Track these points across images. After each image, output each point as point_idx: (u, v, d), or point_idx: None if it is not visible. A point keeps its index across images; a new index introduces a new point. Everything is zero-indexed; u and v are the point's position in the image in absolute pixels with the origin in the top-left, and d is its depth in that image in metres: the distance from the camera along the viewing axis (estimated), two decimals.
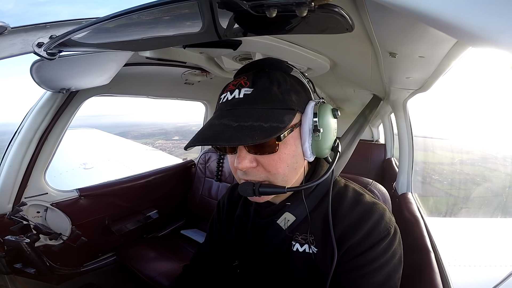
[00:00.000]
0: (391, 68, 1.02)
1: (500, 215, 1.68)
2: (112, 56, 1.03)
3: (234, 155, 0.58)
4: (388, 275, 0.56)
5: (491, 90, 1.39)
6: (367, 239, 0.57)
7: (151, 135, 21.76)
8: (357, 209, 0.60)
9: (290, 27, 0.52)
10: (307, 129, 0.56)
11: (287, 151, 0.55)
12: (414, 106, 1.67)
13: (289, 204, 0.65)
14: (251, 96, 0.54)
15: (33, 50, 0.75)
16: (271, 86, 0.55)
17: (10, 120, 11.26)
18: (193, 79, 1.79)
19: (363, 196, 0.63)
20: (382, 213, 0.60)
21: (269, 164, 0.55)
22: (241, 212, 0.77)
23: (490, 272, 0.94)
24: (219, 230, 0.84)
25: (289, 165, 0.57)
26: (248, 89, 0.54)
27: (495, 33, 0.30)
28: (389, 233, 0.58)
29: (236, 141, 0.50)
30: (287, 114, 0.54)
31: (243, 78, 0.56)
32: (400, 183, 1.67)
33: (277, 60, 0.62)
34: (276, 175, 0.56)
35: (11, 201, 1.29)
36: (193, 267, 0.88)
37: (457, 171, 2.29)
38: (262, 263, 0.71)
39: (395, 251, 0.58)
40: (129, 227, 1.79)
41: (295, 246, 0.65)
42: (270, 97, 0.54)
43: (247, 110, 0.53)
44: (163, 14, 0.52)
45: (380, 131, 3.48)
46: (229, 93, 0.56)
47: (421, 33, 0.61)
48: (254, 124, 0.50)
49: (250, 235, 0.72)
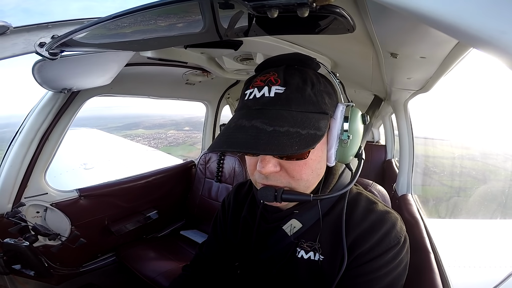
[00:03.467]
0: (392, 69, 1.02)
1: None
2: (114, 56, 1.04)
3: (253, 158, 0.55)
4: (392, 282, 0.56)
5: (492, 92, 1.39)
6: (377, 247, 0.56)
7: (162, 126, 21.74)
8: (370, 218, 0.59)
9: (292, 28, 0.52)
10: (335, 134, 0.53)
11: (313, 157, 0.53)
12: (415, 107, 1.67)
13: (297, 212, 0.63)
14: (283, 96, 0.50)
15: (35, 50, 0.76)
16: (304, 86, 0.51)
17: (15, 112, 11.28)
18: (194, 79, 1.80)
19: (376, 205, 0.62)
20: (394, 222, 0.59)
21: (294, 170, 0.52)
22: (247, 214, 0.75)
23: (490, 273, 0.94)
24: (223, 230, 0.82)
25: (313, 171, 0.54)
26: (279, 87, 0.50)
27: (497, 34, 0.30)
28: (399, 242, 0.57)
29: (275, 151, 0.45)
30: (322, 119, 0.51)
31: (273, 74, 0.51)
32: (400, 184, 1.66)
33: (307, 57, 0.57)
34: (299, 181, 0.54)
35: (11, 200, 1.29)
36: (194, 267, 0.87)
37: (455, 164, 2.31)
38: (264, 267, 0.70)
39: (402, 259, 0.58)
40: (129, 227, 1.79)
41: (300, 253, 0.64)
42: (304, 98, 0.50)
43: (280, 112, 0.49)
44: (165, 14, 0.52)
45: (381, 132, 3.48)
46: (256, 89, 0.51)
47: (422, 34, 0.61)
48: (291, 130, 0.47)
49: (255, 239, 0.71)
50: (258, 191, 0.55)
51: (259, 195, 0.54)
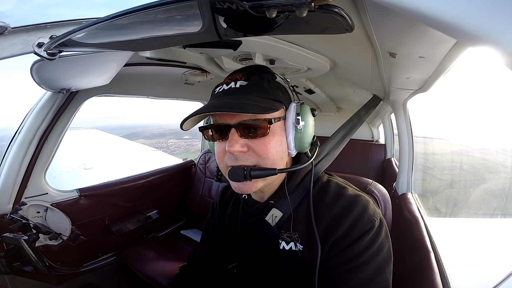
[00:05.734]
0: (391, 69, 1.02)
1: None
2: (112, 56, 1.04)
3: (222, 143, 0.62)
4: (377, 270, 0.56)
5: (490, 91, 1.39)
6: (351, 232, 0.57)
7: (162, 135, 21.95)
8: (339, 203, 0.62)
9: (290, 28, 0.52)
10: (290, 122, 0.63)
11: (275, 139, 0.61)
12: (414, 106, 1.67)
13: (272, 202, 0.68)
14: (246, 86, 0.61)
15: (33, 50, 0.75)
16: (262, 81, 0.63)
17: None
18: (193, 79, 1.80)
19: (345, 189, 0.64)
20: (365, 205, 0.60)
21: (259, 149, 0.59)
22: (231, 211, 0.80)
23: (490, 272, 0.94)
24: (213, 230, 0.86)
25: (277, 152, 0.61)
26: (243, 82, 0.62)
27: (495, 33, 0.30)
28: (373, 225, 0.58)
29: (238, 110, 0.56)
30: (277, 103, 0.61)
31: (238, 74, 0.63)
32: (400, 183, 1.67)
33: (264, 67, 0.69)
34: (266, 160, 0.60)
35: (11, 201, 1.29)
36: (189, 268, 0.90)
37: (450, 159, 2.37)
38: (254, 261, 0.72)
39: (381, 244, 0.58)
40: (129, 227, 1.79)
41: (282, 244, 0.66)
42: (262, 89, 0.62)
43: (243, 96, 0.60)
44: (164, 14, 0.52)
45: (380, 131, 3.48)
46: (225, 84, 0.63)
47: (421, 33, 0.61)
48: (252, 103, 0.58)
49: (240, 234, 0.74)
50: (229, 172, 0.60)
51: (230, 176, 0.60)
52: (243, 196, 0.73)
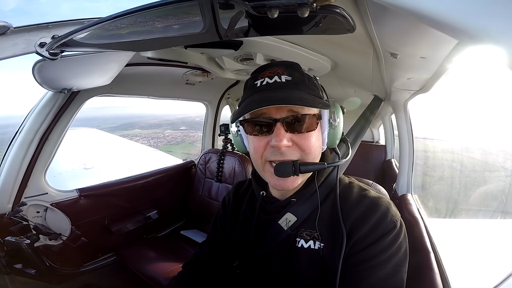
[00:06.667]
0: (392, 69, 1.02)
1: None
2: (114, 57, 1.04)
3: (263, 137, 0.61)
4: (395, 268, 0.57)
5: (491, 91, 1.39)
6: (375, 231, 0.59)
7: (158, 126, 21.75)
8: (364, 202, 0.63)
9: (292, 28, 0.52)
10: (326, 119, 0.65)
11: (316, 134, 0.63)
12: (415, 107, 1.67)
13: (294, 200, 0.67)
14: (292, 81, 0.60)
15: (35, 50, 0.76)
16: (303, 78, 0.63)
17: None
18: (194, 80, 1.80)
19: (367, 191, 0.66)
20: (388, 206, 0.62)
21: (304, 144, 0.60)
22: (246, 208, 0.79)
23: (490, 273, 0.94)
24: (223, 226, 0.85)
25: (317, 147, 0.63)
26: (287, 76, 0.61)
27: (497, 34, 0.30)
28: (395, 225, 0.59)
29: (289, 102, 0.56)
30: (318, 99, 0.63)
31: (280, 68, 0.62)
32: (400, 184, 1.67)
33: (297, 63, 0.68)
34: (308, 155, 0.61)
35: (11, 201, 1.29)
36: (193, 265, 0.88)
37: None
38: (263, 262, 0.71)
39: (401, 244, 0.59)
40: (129, 227, 1.79)
41: (300, 242, 0.66)
42: (305, 85, 0.62)
43: (292, 90, 0.59)
44: (165, 15, 0.52)
45: (381, 132, 3.48)
46: (268, 78, 0.61)
47: (422, 34, 0.61)
48: (307, 97, 0.59)
49: (254, 232, 0.73)
50: (275, 167, 0.60)
51: (276, 171, 0.59)
52: (261, 193, 0.73)
